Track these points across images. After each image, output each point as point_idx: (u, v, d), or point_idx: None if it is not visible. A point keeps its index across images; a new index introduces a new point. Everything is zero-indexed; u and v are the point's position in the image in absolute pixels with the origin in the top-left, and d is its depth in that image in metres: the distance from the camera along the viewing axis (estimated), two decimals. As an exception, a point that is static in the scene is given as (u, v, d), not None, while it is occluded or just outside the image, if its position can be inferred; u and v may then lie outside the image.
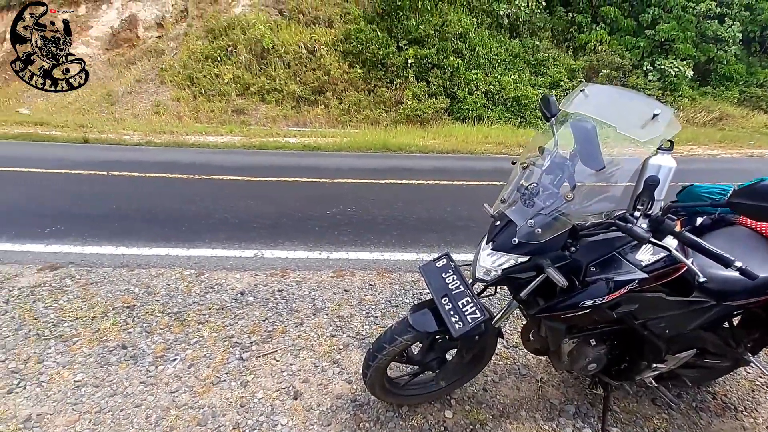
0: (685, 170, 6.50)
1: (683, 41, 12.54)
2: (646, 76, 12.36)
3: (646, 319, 1.22)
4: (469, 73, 11.10)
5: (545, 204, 1.07)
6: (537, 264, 1.09)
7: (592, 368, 1.36)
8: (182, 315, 2.16)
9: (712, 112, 11.70)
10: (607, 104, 1.09)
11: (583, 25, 13.22)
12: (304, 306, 2.29)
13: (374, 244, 3.22)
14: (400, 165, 6.38)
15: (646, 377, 1.43)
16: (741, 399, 1.70)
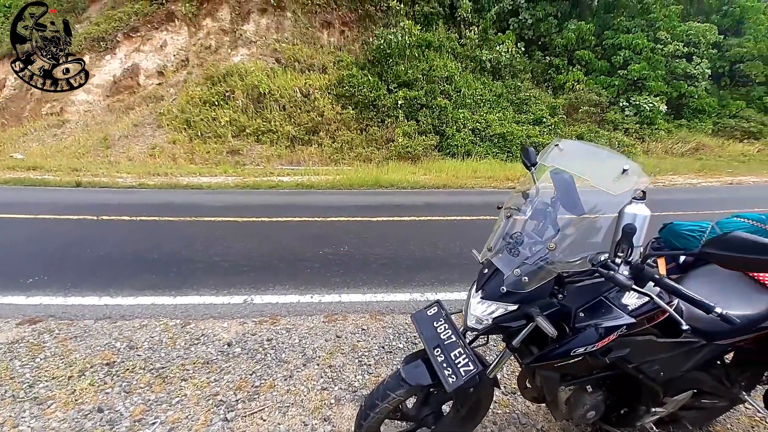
0: (668, 200, 6.69)
1: (654, 79, 13.46)
2: (623, 111, 13.08)
3: (640, 362, 1.20)
4: (456, 112, 11.64)
5: (530, 253, 1.09)
6: (527, 312, 1.09)
7: (591, 416, 1.30)
8: (165, 371, 2.05)
9: (688, 143, 12.29)
10: (580, 159, 1.15)
11: (560, 67, 14.18)
12: (294, 356, 2.20)
13: (367, 284, 3.17)
14: (392, 201, 6.47)
15: (647, 423, 1.37)
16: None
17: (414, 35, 12.20)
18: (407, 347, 2.30)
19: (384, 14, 13.11)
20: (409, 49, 12.20)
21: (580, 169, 1.11)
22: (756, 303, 1.25)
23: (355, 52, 12.93)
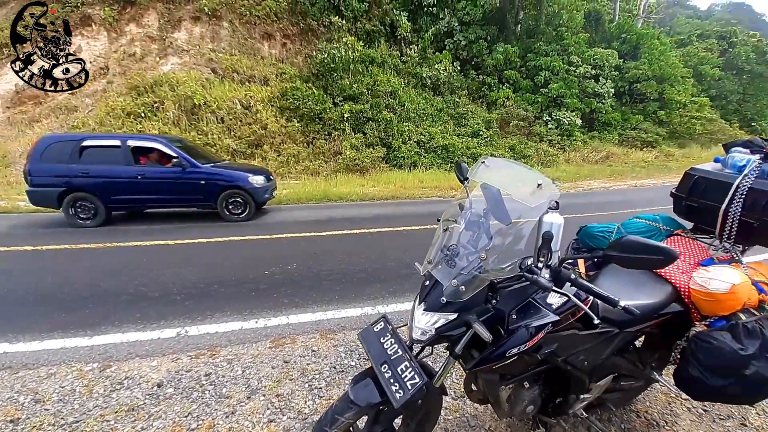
0: (587, 203, 7.57)
1: (570, 97, 15.29)
2: (546, 125, 14.62)
3: (567, 355, 1.31)
4: (401, 126, 12.03)
5: (465, 263, 1.14)
6: (465, 320, 1.14)
7: (530, 410, 1.39)
8: (79, 426, 1.76)
9: (600, 152, 14.09)
10: (503, 174, 1.25)
11: (492, 85, 15.47)
12: (236, 389, 2.03)
13: (317, 302, 3.08)
14: (342, 214, 6.42)
15: (577, 409, 1.50)
16: (661, 414, 1.85)
17: (357, 51, 12.46)
18: (359, 364, 2.26)
19: (326, 29, 13.21)
20: (353, 64, 12.41)
21: (503, 183, 1.21)
22: (657, 293, 1.45)
23: (298, 65, 12.80)
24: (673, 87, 17.80)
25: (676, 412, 1.85)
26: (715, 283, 1.33)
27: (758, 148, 1.58)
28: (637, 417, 1.81)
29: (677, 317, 1.46)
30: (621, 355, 1.52)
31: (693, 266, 1.49)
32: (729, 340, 1.30)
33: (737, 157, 1.59)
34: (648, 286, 1.48)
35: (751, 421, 1.80)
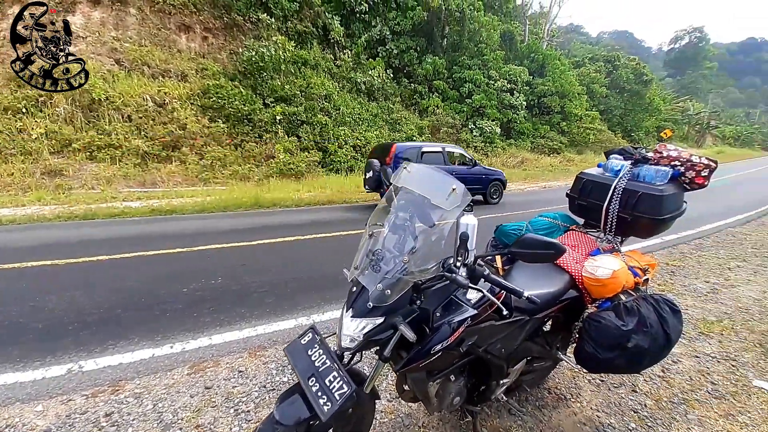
0: (507, 202, 8.39)
1: (491, 108, 16.83)
2: (472, 132, 15.87)
3: (487, 345, 1.41)
4: (337, 130, 11.95)
5: (389, 267, 1.16)
6: (392, 323, 1.15)
7: (457, 402, 1.46)
8: None
9: (517, 157, 15.76)
10: (423, 180, 1.30)
11: (423, 93, 16.30)
12: (146, 426, 1.77)
13: (245, 318, 2.85)
14: (276, 221, 6.11)
15: (498, 394, 1.62)
16: (568, 388, 2.09)
17: (289, 51, 12.06)
18: (292, 380, 2.14)
19: (254, 26, 12.55)
20: (284, 64, 11.97)
21: (423, 188, 1.26)
22: (557, 282, 1.63)
23: (222, 61, 11.90)
24: (572, 102, 20.75)
25: (579, 385, 2.12)
26: (601, 270, 1.55)
27: (629, 155, 1.90)
28: (548, 393, 2.02)
29: (574, 302, 1.67)
30: (532, 340, 1.69)
31: (584, 256, 1.71)
32: (614, 318, 1.52)
33: (614, 162, 1.89)
34: (550, 276, 1.66)
35: (640, 387, 2.13)
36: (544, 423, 1.82)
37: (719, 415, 1.91)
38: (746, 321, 2.93)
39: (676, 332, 1.57)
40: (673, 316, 1.57)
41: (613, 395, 2.04)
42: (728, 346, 2.57)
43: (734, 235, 5.75)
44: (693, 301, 3.29)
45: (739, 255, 4.66)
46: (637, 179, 1.77)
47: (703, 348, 2.55)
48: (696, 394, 2.07)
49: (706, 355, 2.46)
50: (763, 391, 2.09)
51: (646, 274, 1.67)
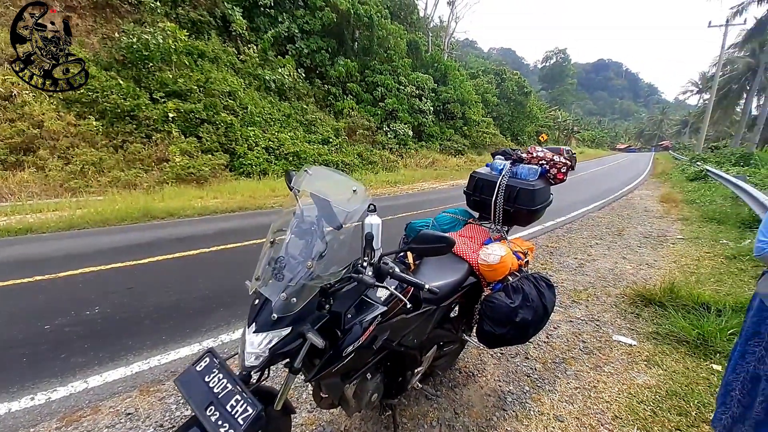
0: (422, 201, 8.94)
1: (403, 112, 17.72)
2: (387, 135, 16.47)
3: (400, 338, 1.46)
4: (245, 130, 11.10)
5: (293, 274, 1.10)
6: (300, 332, 1.10)
7: (375, 398, 1.48)
8: None
9: (428, 158, 16.94)
10: (324, 183, 1.29)
11: (337, 95, 16.27)
12: None
13: (134, 351, 2.42)
14: (173, 234, 5.36)
15: (414, 383, 1.71)
16: (475, 365, 2.32)
17: (181, 41, 10.71)
18: (196, 412, 1.89)
19: (134, 8, 10.81)
20: (176, 55, 10.59)
21: (326, 190, 1.23)
22: (459, 271, 1.79)
23: (92, 46, 9.95)
24: (471, 109, 23.21)
25: (484, 360, 2.36)
26: (492, 256, 1.75)
27: (509, 156, 2.19)
28: (459, 373, 2.21)
29: (474, 287, 1.85)
30: (441, 327, 1.81)
31: (479, 246, 1.91)
32: (503, 298, 1.73)
33: (498, 162, 2.16)
34: (453, 266, 1.81)
35: (531, 354, 2.47)
36: (456, 401, 1.98)
37: (590, 368, 2.34)
38: (604, 287, 3.67)
39: (551, 303, 1.86)
40: (549, 290, 1.87)
41: (511, 365, 2.33)
42: (593, 310, 3.17)
43: (593, 219, 7.17)
44: (566, 275, 3.98)
45: (597, 235, 5.83)
46: (516, 176, 2.05)
47: (575, 313, 3.10)
48: (572, 352, 2.51)
49: (578, 319, 2.99)
50: (621, 344, 2.63)
51: (527, 257, 1.96)
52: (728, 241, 5.14)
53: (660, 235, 5.69)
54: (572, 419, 1.85)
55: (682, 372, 2.23)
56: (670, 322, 2.73)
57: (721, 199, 8.34)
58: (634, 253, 4.78)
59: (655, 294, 3.12)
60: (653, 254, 4.74)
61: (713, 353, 2.38)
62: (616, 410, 1.92)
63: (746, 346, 1.46)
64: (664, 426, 1.81)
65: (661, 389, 2.08)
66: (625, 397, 2.03)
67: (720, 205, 7.74)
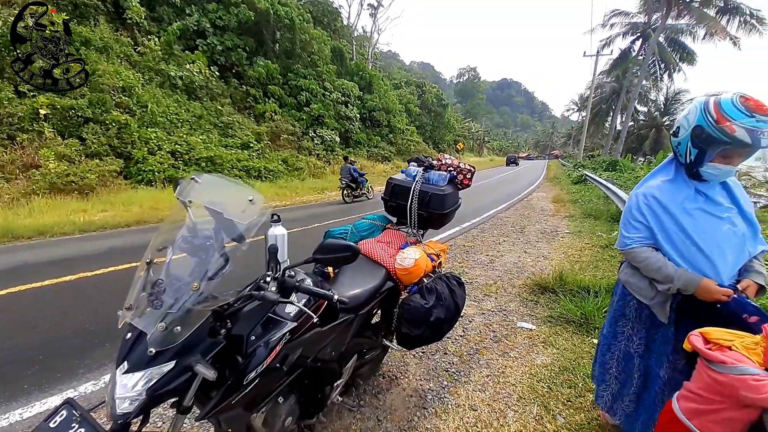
0: (351, 207, 8.94)
1: (329, 118, 17.57)
2: (313, 140, 16.14)
3: (316, 353, 1.39)
4: (145, 131, 9.74)
5: (174, 299, 0.96)
6: (188, 364, 0.95)
7: (289, 422, 1.37)
8: None
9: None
10: (216, 192, 1.16)
11: (258, 97, 15.39)
12: None
13: (-26, 411, 1.88)
14: (45, 257, 4.38)
15: (334, 397, 1.64)
16: (398, 368, 2.35)
17: (56, 25, 8.93)
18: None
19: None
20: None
21: (216, 201, 1.11)
22: (376, 276, 1.79)
23: None
24: (395, 117, 24.19)
25: (407, 362, 2.41)
26: (407, 260, 1.80)
27: (422, 162, 2.30)
28: (383, 378, 2.21)
29: (392, 291, 1.88)
30: (362, 335, 1.79)
31: (397, 250, 1.95)
32: (419, 299, 1.78)
33: (412, 169, 2.24)
34: (371, 272, 1.81)
35: (449, 349, 2.60)
36: (379, 408, 1.97)
37: (499, 355, 2.56)
38: (510, 279, 4.09)
39: (462, 300, 1.99)
40: (459, 287, 1.99)
41: (431, 362, 2.42)
42: (501, 301, 3.50)
43: (501, 219, 8.01)
44: (480, 271, 4.34)
45: (504, 233, 6.52)
46: (428, 182, 2.16)
47: (486, 306, 3.38)
48: (484, 343, 2.72)
49: (489, 311, 3.27)
50: (523, 329, 2.94)
51: (440, 258, 2.06)
52: (602, 233, 6.22)
53: (552, 231, 6.63)
54: (484, 406, 2.00)
55: (571, 349, 2.59)
56: (560, 306, 3.16)
57: (597, 199, 10.09)
58: (533, 248, 5.46)
59: (549, 282, 3.60)
60: (548, 247, 5.48)
61: (593, 329, 2.82)
62: (520, 392, 2.13)
63: (615, 327, 1.67)
64: (558, 399, 2.06)
65: (555, 366, 2.38)
66: (527, 378, 2.26)
67: (596, 203, 9.35)
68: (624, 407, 1.64)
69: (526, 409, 1.98)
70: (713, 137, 1.26)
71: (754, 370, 0.97)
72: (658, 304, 1.47)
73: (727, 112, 1.23)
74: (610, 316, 1.72)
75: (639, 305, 1.56)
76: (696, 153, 1.35)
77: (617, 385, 1.67)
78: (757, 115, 1.20)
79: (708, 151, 1.31)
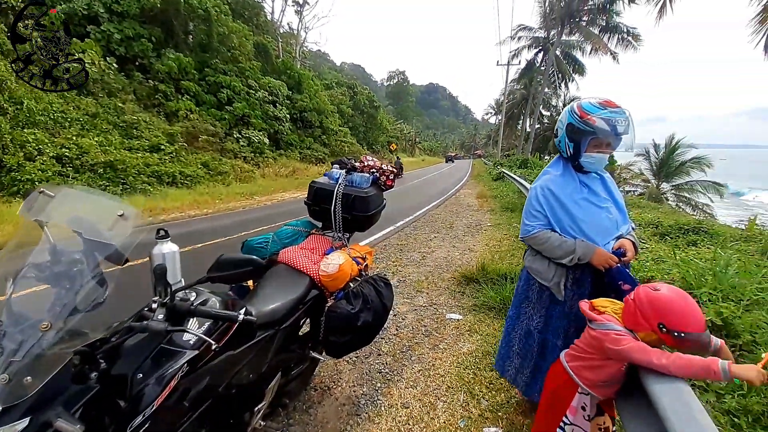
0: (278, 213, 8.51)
1: (255, 117, 16.55)
2: (238, 142, 15.03)
3: (229, 379, 1.25)
4: (20, 133, 8.04)
5: (18, 345, 0.77)
6: (47, 420, 0.78)
7: None
8: None
9: (288, 167, 16.37)
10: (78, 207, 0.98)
11: (169, 94, 13.78)
12: None
13: None
14: None
15: (255, 423, 1.51)
16: (331, 377, 2.29)
17: None
18: None
19: None
20: None
21: (77, 219, 0.93)
22: (300, 286, 1.71)
23: None
24: (328, 119, 23.82)
25: (339, 369, 2.36)
26: (331, 266, 1.75)
27: (345, 165, 2.27)
28: (314, 391, 2.13)
29: (318, 300, 1.81)
30: (286, 350, 1.69)
31: (321, 257, 1.89)
32: (345, 305, 1.75)
33: (335, 171, 2.20)
34: (294, 282, 1.73)
35: (382, 350, 2.62)
36: (311, 424, 1.89)
37: (429, 348, 2.66)
38: (440, 274, 4.30)
39: (390, 300, 2.01)
40: (387, 288, 2.00)
41: (365, 366, 2.41)
42: (432, 295, 3.66)
43: (433, 216, 8.42)
44: (412, 269, 4.49)
45: (435, 229, 6.85)
46: (352, 185, 2.13)
47: (418, 302, 3.50)
48: (416, 338, 2.80)
49: (420, 306, 3.39)
50: (451, 320, 3.09)
51: (365, 261, 2.06)
52: (518, 224, 6.93)
53: (477, 225, 7.18)
54: (416, 402, 2.05)
55: (492, 333, 2.81)
56: (483, 294, 3.41)
57: (512, 193, 11.21)
58: (460, 242, 5.84)
59: (473, 273, 3.87)
60: (473, 240, 5.91)
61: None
62: (449, 381, 2.24)
63: (520, 309, 1.90)
64: (482, 384, 2.21)
65: (479, 352, 2.56)
66: (455, 367, 2.39)
67: (512, 197, 10.39)
68: (525, 378, 1.85)
69: (453, 398, 2.08)
70: (581, 129, 1.54)
71: (617, 327, 1.19)
72: (555, 285, 1.69)
73: (587, 110, 1.53)
74: (516, 299, 1.94)
75: (540, 288, 1.78)
76: (573, 146, 1.62)
77: (519, 359, 1.88)
78: (609, 108, 1.50)
79: (581, 142, 1.59)
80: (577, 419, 1.29)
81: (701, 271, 3.09)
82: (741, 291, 2.84)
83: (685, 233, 5.14)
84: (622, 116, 1.49)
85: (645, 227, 5.56)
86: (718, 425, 1.80)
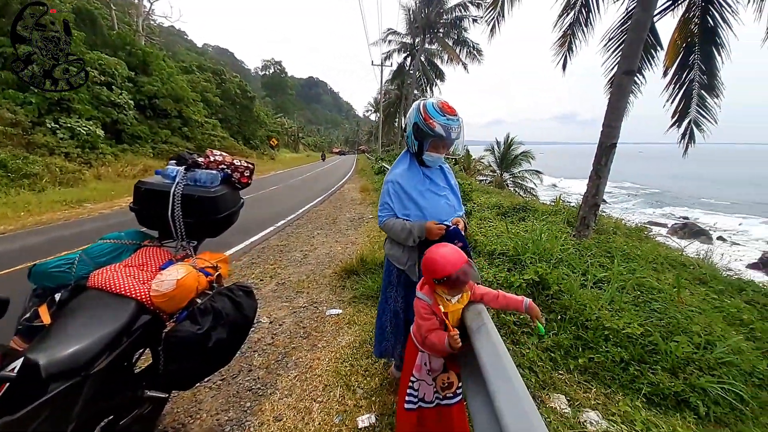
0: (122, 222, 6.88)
1: (80, 102, 12.91)
2: (55, 134, 11.49)
3: None
4: None
5: None
6: None
7: None
8: None
9: (136, 165, 13.45)
10: None
11: None
12: None
13: None
14: None
15: None
16: (187, 411, 1.94)
17: None
18: None
19: None
20: None
21: None
22: (120, 314, 1.36)
23: None
24: (189, 108, 20.55)
25: (200, 399, 2.04)
26: (165, 283, 1.45)
27: (184, 160, 1.92)
28: None
29: (150, 326, 1.48)
30: (107, 397, 1.34)
31: (154, 273, 1.55)
32: (189, 326, 1.48)
33: (170, 169, 1.84)
34: (110, 310, 1.36)
35: (254, 364, 2.37)
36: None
37: (307, 350, 2.56)
38: (322, 271, 4.22)
39: (252, 310, 1.81)
40: (248, 297, 1.80)
41: (232, 387, 2.15)
42: (313, 294, 3.55)
43: (316, 212, 8.26)
44: (293, 269, 4.28)
45: (319, 225, 6.73)
46: (195, 183, 1.82)
47: (298, 303, 3.35)
48: (293, 343, 2.66)
49: (300, 308, 3.25)
50: (331, 316, 3.05)
51: (218, 270, 1.80)
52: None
53: (359, 218, 7.39)
54: (289, 411, 1.93)
55: (370, 322, 2.91)
56: (361, 285, 3.51)
57: (392, 186, 12.01)
58: (343, 236, 5.90)
59: (353, 266, 3.94)
60: (356, 234, 6.05)
61: (386, 299, 3.28)
62: (326, 379, 2.20)
63: (386, 293, 2.04)
64: (358, 373, 2.25)
65: (356, 343, 2.60)
66: (333, 363, 2.37)
67: (391, 190, 11.11)
68: (399, 354, 1.97)
69: (330, 395, 2.05)
70: (424, 131, 1.71)
71: (427, 299, 1.42)
72: (409, 268, 1.85)
73: (429, 112, 1.69)
74: (383, 285, 2.06)
75: (398, 272, 1.93)
76: (417, 144, 1.79)
77: (393, 338, 2.00)
78: (447, 115, 1.69)
79: (424, 142, 1.76)
80: (422, 375, 1.50)
81: (525, 241, 3.91)
82: (551, 253, 3.72)
83: (517, 212, 6.47)
84: (455, 123, 1.69)
85: (491, 209, 6.74)
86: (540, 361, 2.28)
